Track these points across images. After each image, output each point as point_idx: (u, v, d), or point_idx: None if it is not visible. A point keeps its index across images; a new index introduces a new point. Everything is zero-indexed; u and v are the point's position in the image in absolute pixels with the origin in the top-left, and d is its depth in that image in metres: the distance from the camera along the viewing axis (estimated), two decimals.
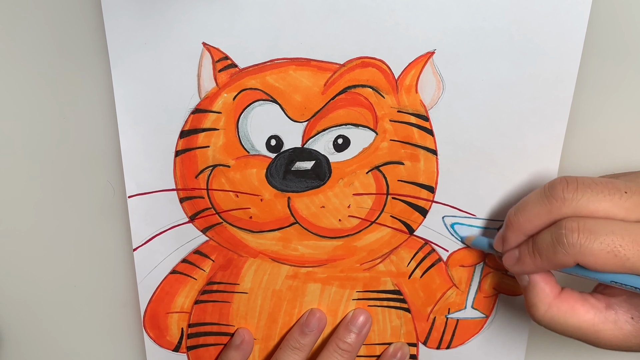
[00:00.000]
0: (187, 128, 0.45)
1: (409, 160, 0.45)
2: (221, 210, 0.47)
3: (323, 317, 0.51)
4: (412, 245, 0.48)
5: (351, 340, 0.50)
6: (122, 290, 0.52)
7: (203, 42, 0.42)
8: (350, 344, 0.50)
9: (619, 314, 0.39)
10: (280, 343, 0.51)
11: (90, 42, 0.44)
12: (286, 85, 0.43)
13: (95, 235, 0.50)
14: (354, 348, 0.50)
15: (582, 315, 0.39)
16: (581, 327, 0.39)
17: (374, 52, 0.42)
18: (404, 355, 0.51)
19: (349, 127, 0.44)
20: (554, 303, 0.40)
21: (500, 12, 0.41)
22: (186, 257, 0.49)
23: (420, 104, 0.44)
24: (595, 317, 0.39)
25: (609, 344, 0.39)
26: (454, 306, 0.50)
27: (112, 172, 0.48)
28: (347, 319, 0.51)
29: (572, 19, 0.41)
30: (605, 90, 0.44)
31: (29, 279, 0.52)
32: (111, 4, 0.41)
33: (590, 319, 0.39)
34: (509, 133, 0.44)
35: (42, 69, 0.45)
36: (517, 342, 0.51)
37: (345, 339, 0.50)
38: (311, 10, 0.41)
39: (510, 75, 0.42)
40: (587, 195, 0.37)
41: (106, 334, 0.54)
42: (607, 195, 0.37)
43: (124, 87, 0.43)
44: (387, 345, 0.52)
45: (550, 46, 0.41)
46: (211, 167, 0.46)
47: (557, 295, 0.40)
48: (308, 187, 0.46)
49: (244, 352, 0.51)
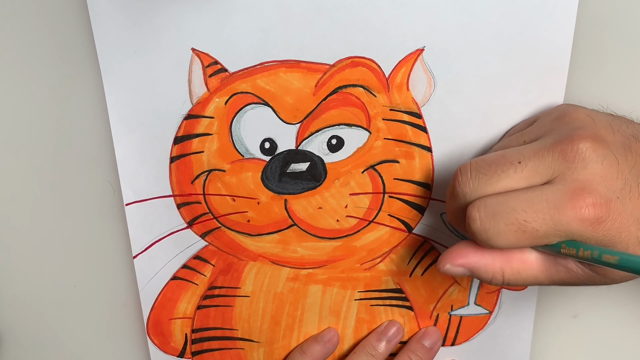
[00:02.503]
0: (180, 134, 0.45)
1: (404, 158, 0.45)
2: (219, 215, 0.47)
3: (400, 329, 0.51)
4: (411, 243, 0.48)
5: (381, 349, 0.51)
6: (123, 294, 0.52)
7: (192, 48, 0.42)
8: (380, 352, 0.51)
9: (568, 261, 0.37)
10: (284, 345, 0.52)
11: (81, 51, 0.44)
12: (277, 87, 0.43)
13: (96, 239, 0.50)
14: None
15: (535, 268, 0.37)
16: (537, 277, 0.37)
17: (363, 52, 0.42)
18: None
19: (342, 127, 0.44)
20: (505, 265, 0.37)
21: (488, 7, 0.41)
22: (186, 262, 0.49)
23: (412, 102, 0.44)
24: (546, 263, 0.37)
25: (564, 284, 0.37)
26: (456, 303, 0.50)
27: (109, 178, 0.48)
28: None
29: (561, 10, 0.40)
30: (597, 81, 0.44)
31: (29, 282, 0.52)
32: (99, 13, 0.41)
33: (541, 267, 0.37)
34: (503, 127, 0.44)
35: (34, 79, 0.45)
36: (522, 337, 0.51)
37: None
38: (298, 11, 0.41)
39: (501, 69, 0.42)
40: (482, 181, 0.36)
41: (107, 337, 0.54)
42: (501, 173, 0.35)
43: (116, 96, 0.44)
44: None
45: (540, 39, 0.41)
46: (207, 172, 0.46)
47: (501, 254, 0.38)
48: (304, 189, 0.46)
49: (327, 350, 0.51)
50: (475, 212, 0.35)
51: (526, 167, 0.35)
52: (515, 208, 0.34)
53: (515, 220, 0.34)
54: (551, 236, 0.34)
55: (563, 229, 0.34)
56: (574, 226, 0.34)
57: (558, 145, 0.35)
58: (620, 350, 0.52)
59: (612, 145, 0.35)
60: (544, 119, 0.40)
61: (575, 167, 0.34)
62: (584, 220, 0.34)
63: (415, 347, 0.51)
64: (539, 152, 0.36)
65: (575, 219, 0.34)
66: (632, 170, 0.35)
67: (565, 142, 0.35)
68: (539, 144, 0.36)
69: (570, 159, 0.35)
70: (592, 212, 0.33)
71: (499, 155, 0.37)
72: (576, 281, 0.37)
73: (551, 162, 0.35)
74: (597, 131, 0.36)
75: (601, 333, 0.52)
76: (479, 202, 0.35)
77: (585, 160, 0.34)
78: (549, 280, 0.37)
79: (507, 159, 0.36)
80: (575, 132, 0.36)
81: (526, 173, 0.35)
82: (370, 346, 0.50)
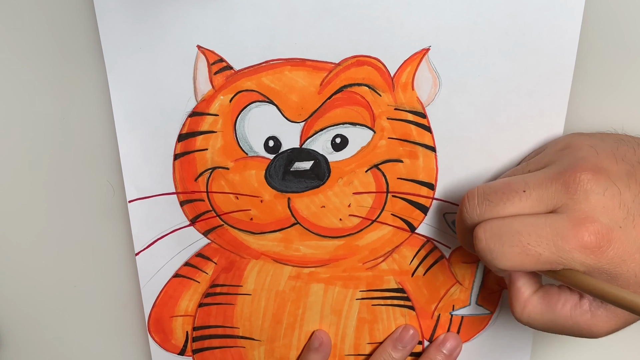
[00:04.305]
0: (185, 131, 0.45)
1: (408, 158, 0.45)
2: (222, 213, 0.47)
3: (416, 334, 0.51)
4: (414, 243, 0.48)
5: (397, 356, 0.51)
6: (124, 292, 0.52)
7: (198, 45, 0.42)
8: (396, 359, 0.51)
9: (590, 301, 0.38)
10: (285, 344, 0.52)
11: (86, 47, 0.44)
12: (282, 85, 0.43)
13: (97, 237, 0.50)
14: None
15: (559, 311, 0.39)
16: (559, 322, 0.39)
17: (369, 51, 0.42)
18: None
19: (346, 126, 0.44)
20: (529, 301, 0.39)
21: (494, 7, 0.41)
22: (188, 260, 0.49)
23: (417, 101, 0.44)
24: (571, 311, 0.38)
25: (592, 332, 0.39)
26: (458, 303, 0.50)
27: (112, 176, 0.48)
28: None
29: (567, 11, 0.40)
30: (602, 82, 0.44)
31: (29, 281, 0.52)
32: (105, 9, 0.41)
33: (566, 313, 0.39)
34: (508, 128, 0.44)
35: (39, 76, 0.45)
36: (523, 338, 0.51)
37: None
38: (304, 10, 0.41)
39: (507, 69, 0.42)
40: (489, 207, 0.37)
41: (108, 337, 0.54)
42: (507, 201, 0.37)
43: (121, 92, 0.44)
44: None
45: (546, 40, 0.41)
46: (210, 170, 0.46)
47: (532, 293, 0.40)
48: (308, 187, 0.46)
49: (324, 354, 0.51)
50: (482, 233, 0.37)
51: (530, 196, 0.36)
52: (521, 231, 0.35)
53: (519, 243, 0.35)
54: (554, 262, 0.35)
55: (565, 256, 0.35)
56: (576, 254, 0.35)
57: (561, 177, 0.36)
58: (621, 350, 0.52)
59: (615, 175, 0.36)
60: (550, 149, 0.41)
61: (578, 198, 0.35)
62: (586, 249, 0.35)
63: (435, 354, 0.51)
64: (542, 183, 0.37)
65: (577, 247, 0.35)
66: (635, 199, 0.36)
67: (567, 173, 0.36)
68: (542, 174, 0.37)
69: (572, 190, 0.36)
70: (593, 241, 0.35)
71: (505, 183, 0.38)
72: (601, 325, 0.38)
73: (554, 193, 0.36)
74: (600, 162, 0.37)
75: None
76: (484, 224, 0.37)
77: (587, 191, 0.35)
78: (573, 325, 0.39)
79: (513, 187, 0.37)
80: (578, 163, 0.37)
81: (530, 202, 0.36)
82: (387, 353, 0.51)
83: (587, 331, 0.39)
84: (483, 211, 0.38)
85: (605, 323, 0.38)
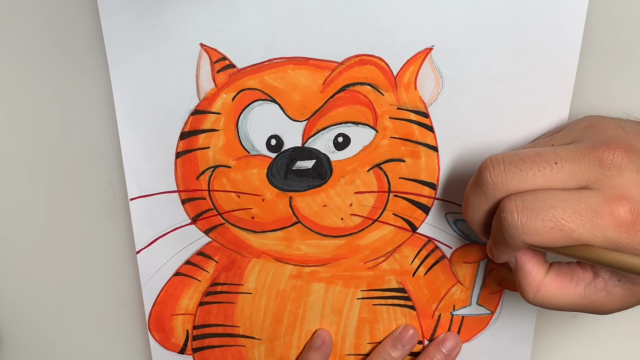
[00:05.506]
0: (187, 129, 0.45)
1: (410, 158, 0.45)
2: (223, 211, 0.47)
3: (416, 334, 0.51)
4: (415, 242, 0.48)
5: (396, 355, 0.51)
6: (124, 291, 0.52)
7: (201, 43, 0.42)
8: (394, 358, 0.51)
9: (606, 279, 0.38)
10: (285, 343, 0.52)
11: (89, 44, 0.44)
12: (285, 84, 0.43)
13: (97, 236, 0.50)
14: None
15: (572, 291, 0.38)
16: (574, 302, 0.38)
17: (371, 50, 0.42)
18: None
19: (348, 125, 0.44)
20: (542, 284, 0.38)
21: (498, 7, 0.41)
22: (189, 258, 0.49)
23: (419, 101, 0.44)
24: (586, 290, 0.38)
25: (606, 309, 0.38)
26: (459, 303, 0.50)
27: (114, 174, 0.48)
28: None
29: (571, 12, 0.40)
30: (605, 82, 0.44)
31: (29, 280, 0.52)
32: (108, 6, 0.41)
33: (580, 292, 0.38)
34: (510, 128, 0.44)
35: (42, 73, 0.45)
36: (524, 338, 0.51)
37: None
38: (308, 9, 0.41)
39: (510, 69, 0.42)
40: (516, 176, 0.35)
41: (108, 335, 0.54)
42: (537, 171, 0.35)
43: (123, 90, 0.44)
44: None
45: (549, 40, 0.41)
46: (212, 168, 0.46)
47: (544, 275, 0.39)
48: (309, 186, 0.46)
49: (324, 354, 0.51)
50: (513, 205, 0.35)
51: (562, 168, 0.35)
52: (555, 206, 0.34)
53: (553, 218, 0.34)
54: (586, 239, 0.34)
55: (598, 233, 0.34)
56: (610, 232, 0.34)
57: (594, 151, 0.35)
58: (621, 350, 0.52)
59: None
60: (573, 127, 0.40)
61: (612, 174, 0.35)
62: (621, 226, 0.34)
63: (434, 353, 0.51)
64: (574, 156, 0.35)
65: (612, 224, 0.34)
66: None
67: (601, 148, 0.35)
68: (574, 147, 0.36)
69: (606, 166, 0.35)
70: (629, 218, 0.34)
71: (535, 152, 0.36)
72: (617, 302, 0.38)
73: (587, 167, 0.35)
74: (630, 140, 0.36)
75: (601, 333, 0.52)
76: (515, 197, 0.35)
77: (621, 168, 0.35)
78: (587, 304, 0.38)
79: (544, 157, 0.36)
80: (611, 141, 0.36)
81: (562, 175, 0.35)
82: (386, 352, 0.50)
83: (600, 309, 0.38)
84: (509, 179, 0.35)
85: (619, 301, 0.38)
